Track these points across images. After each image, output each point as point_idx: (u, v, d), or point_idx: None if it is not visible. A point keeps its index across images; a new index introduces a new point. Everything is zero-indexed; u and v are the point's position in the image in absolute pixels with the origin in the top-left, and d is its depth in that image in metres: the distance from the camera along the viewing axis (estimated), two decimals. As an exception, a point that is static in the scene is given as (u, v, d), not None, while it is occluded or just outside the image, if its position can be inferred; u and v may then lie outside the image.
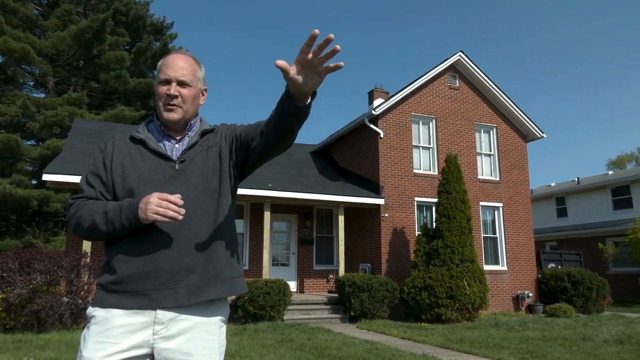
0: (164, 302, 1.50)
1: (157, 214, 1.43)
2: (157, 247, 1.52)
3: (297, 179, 13.42)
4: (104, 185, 1.62)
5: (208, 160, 1.66)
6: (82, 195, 1.62)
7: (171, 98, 1.63)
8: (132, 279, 1.51)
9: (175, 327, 1.52)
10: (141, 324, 1.50)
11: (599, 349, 7.16)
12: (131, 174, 1.60)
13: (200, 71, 1.72)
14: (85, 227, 1.54)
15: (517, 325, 10.17)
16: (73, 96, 20.56)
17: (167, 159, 1.63)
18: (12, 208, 20.67)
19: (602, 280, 13.58)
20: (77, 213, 1.57)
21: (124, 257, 1.53)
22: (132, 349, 1.48)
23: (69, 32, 20.22)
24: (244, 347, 6.96)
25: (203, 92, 1.76)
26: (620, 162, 45.81)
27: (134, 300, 1.50)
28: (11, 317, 8.14)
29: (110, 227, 1.51)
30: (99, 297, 1.54)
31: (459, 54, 14.46)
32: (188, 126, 1.72)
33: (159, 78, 1.66)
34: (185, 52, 1.72)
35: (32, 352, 6.06)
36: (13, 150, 19.06)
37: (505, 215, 14.37)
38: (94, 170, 1.64)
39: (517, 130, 15.34)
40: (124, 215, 1.49)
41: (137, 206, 1.47)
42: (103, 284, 1.54)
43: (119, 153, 1.64)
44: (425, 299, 10.67)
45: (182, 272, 1.52)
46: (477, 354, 6.83)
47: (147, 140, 1.65)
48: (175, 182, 1.60)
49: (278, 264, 13.92)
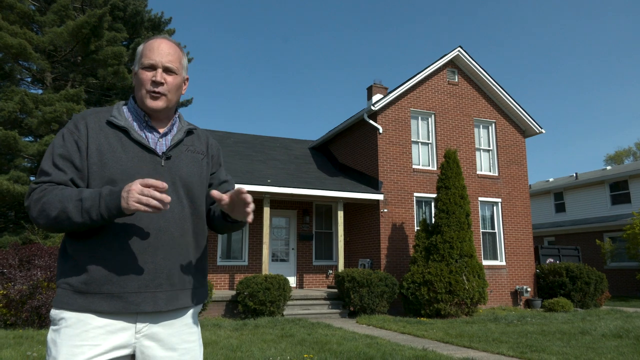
0: (141, 305, 1.41)
1: (139, 202, 1.27)
2: (139, 246, 1.41)
3: (296, 175, 13.43)
4: (78, 171, 1.44)
5: (194, 165, 1.60)
6: (49, 179, 1.41)
7: (157, 85, 1.52)
8: (109, 279, 1.38)
9: (157, 325, 1.47)
10: (121, 323, 1.41)
11: (597, 343, 7.21)
12: (111, 164, 1.44)
13: (185, 59, 1.63)
14: (53, 215, 1.34)
15: (516, 319, 10.23)
16: (71, 92, 20.50)
17: (152, 152, 1.52)
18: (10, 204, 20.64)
19: (600, 275, 13.65)
20: (43, 198, 1.36)
21: (99, 254, 1.39)
22: (113, 350, 1.39)
23: (66, 28, 20.13)
24: (245, 342, 6.98)
25: (185, 82, 1.66)
26: (618, 157, 45.95)
27: (109, 303, 1.38)
28: (12, 313, 8.15)
29: (86, 217, 1.33)
30: (66, 299, 1.39)
31: (457, 50, 14.46)
32: (172, 120, 1.63)
33: (142, 63, 1.54)
34: (169, 37, 1.61)
35: (34, 347, 6.08)
36: (11, 146, 19.01)
37: (504, 210, 14.42)
38: (63, 153, 1.44)
39: (516, 126, 15.36)
40: (103, 204, 1.32)
41: (120, 195, 1.31)
42: (71, 283, 1.39)
43: (95, 138, 1.47)
44: (424, 294, 10.71)
45: (163, 275, 1.45)
46: (477, 348, 6.86)
47: (129, 129, 1.50)
48: (159, 178, 1.49)
49: (277, 260, 13.95)
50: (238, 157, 14.19)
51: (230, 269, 13.11)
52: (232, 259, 13.29)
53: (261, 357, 5.70)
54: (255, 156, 14.75)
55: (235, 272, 13.12)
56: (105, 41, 21.91)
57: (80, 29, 20.40)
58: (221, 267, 13.00)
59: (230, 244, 13.38)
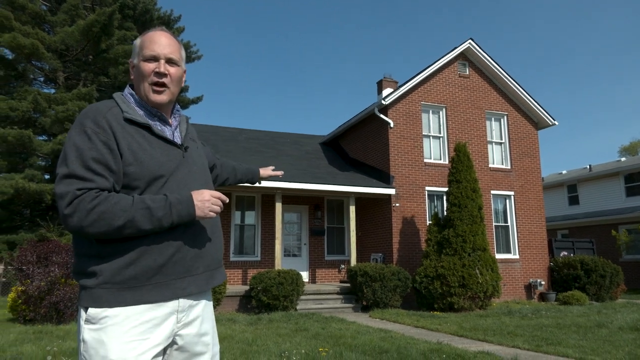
0: (187, 289, 1.49)
1: (213, 211, 1.48)
2: (177, 235, 1.48)
3: (307, 170, 13.45)
4: (114, 174, 1.42)
5: (200, 153, 1.73)
6: (95, 185, 1.37)
7: (160, 76, 1.53)
8: (156, 270, 1.44)
9: (192, 312, 1.56)
10: (164, 315, 1.46)
11: (614, 336, 7.15)
12: (148, 162, 1.46)
13: (183, 51, 1.65)
14: (117, 224, 1.35)
15: (530, 313, 10.17)
16: (83, 91, 20.69)
17: (174, 145, 1.57)
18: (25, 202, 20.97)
19: (616, 267, 13.51)
20: (98, 207, 1.34)
21: (149, 248, 1.43)
22: (162, 342, 1.45)
23: (77, 27, 20.30)
24: (260, 336, 7.04)
25: (183, 74, 1.67)
26: (633, 148, 45.26)
27: (159, 292, 1.44)
28: (31, 309, 8.30)
29: (157, 224, 1.40)
30: (107, 297, 1.39)
31: (468, 42, 14.33)
32: (174, 110, 1.68)
33: (143, 55, 1.54)
34: (166, 29, 1.62)
35: (53, 342, 6.18)
36: (26, 145, 19.27)
37: (517, 203, 14.31)
38: (97, 157, 1.39)
39: (528, 118, 15.21)
40: (175, 212, 1.42)
41: (191, 203, 1.45)
42: (115, 281, 1.40)
43: (122, 137, 1.44)
44: (437, 287, 10.69)
45: (200, 259, 1.54)
46: (492, 342, 6.84)
47: (151, 126, 1.52)
48: (184, 169, 1.57)
49: (290, 255, 14.00)
50: (249, 153, 14.24)
51: (243, 265, 13.19)
52: (245, 254, 13.37)
53: (277, 351, 5.74)
54: (267, 152, 14.80)
55: (248, 267, 13.20)
56: (115, 40, 22.07)
57: (90, 27, 20.56)
58: (234, 263, 13.09)
59: (242, 240, 13.46)
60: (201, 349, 1.57)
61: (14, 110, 19.55)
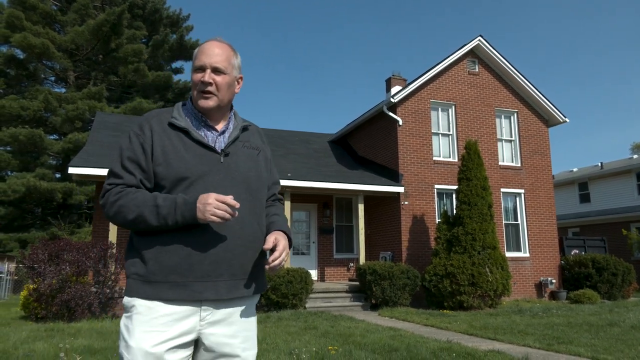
0: (204, 294, 1.50)
1: (215, 215, 1.45)
2: (202, 239, 1.51)
3: (316, 169, 13.44)
4: (144, 172, 1.56)
5: (251, 160, 1.69)
6: (122, 182, 1.55)
7: (205, 85, 1.60)
8: (174, 269, 1.49)
9: (219, 312, 1.56)
10: (187, 311, 1.50)
11: (626, 335, 7.07)
12: (176, 164, 1.55)
13: (236, 59, 1.70)
14: (130, 218, 1.49)
15: (541, 311, 10.09)
16: (93, 90, 20.85)
17: (212, 150, 1.61)
18: (37, 201, 21.18)
19: (628, 266, 13.37)
20: (119, 201, 1.51)
21: (164, 247, 1.50)
22: (180, 336, 1.49)
23: (87, 27, 20.45)
24: (269, 334, 7.05)
25: (238, 81, 1.73)
26: (645, 145, 44.65)
27: (174, 291, 1.49)
28: (42, 307, 8.38)
29: (162, 221, 1.48)
30: (136, 287, 1.51)
31: (478, 39, 14.22)
32: (228, 118, 1.72)
33: (194, 65, 1.64)
34: (221, 40, 1.69)
35: (65, 339, 6.24)
36: (37, 144, 19.46)
37: (527, 201, 14.19)
38: (131, 156, 1.56)
39: (539, 115, 15.07)
40: (178, 212, 1.47)
41: (195, 205, 1.46)
42: (140, 273, 1.51)
43: (159, 140, 1.57)
44: (447, 286, 10.64)
45: (224, 266, 1.53)
46: (502, 340, 6.80)
47: (189, 130, 1.60)
48: (220, 174, 1.58)
49: (299, 253, 14.02)
50: (258, 152, 14.26)
51: (252, 263, 13.21)
52: (254, 252, 13.40)
53: (286, 349, 5.74)
54: (276, 150, 14.81)
55: (256, 265, 13.22)
56: (125, 39, 22.20)
57: (100, 27, 20.68)
58: (243, 261, 13.12)
59: (251, 238, 13.49)
60: (230, 351, 1.58)
61: (25, 109, 19.74)
